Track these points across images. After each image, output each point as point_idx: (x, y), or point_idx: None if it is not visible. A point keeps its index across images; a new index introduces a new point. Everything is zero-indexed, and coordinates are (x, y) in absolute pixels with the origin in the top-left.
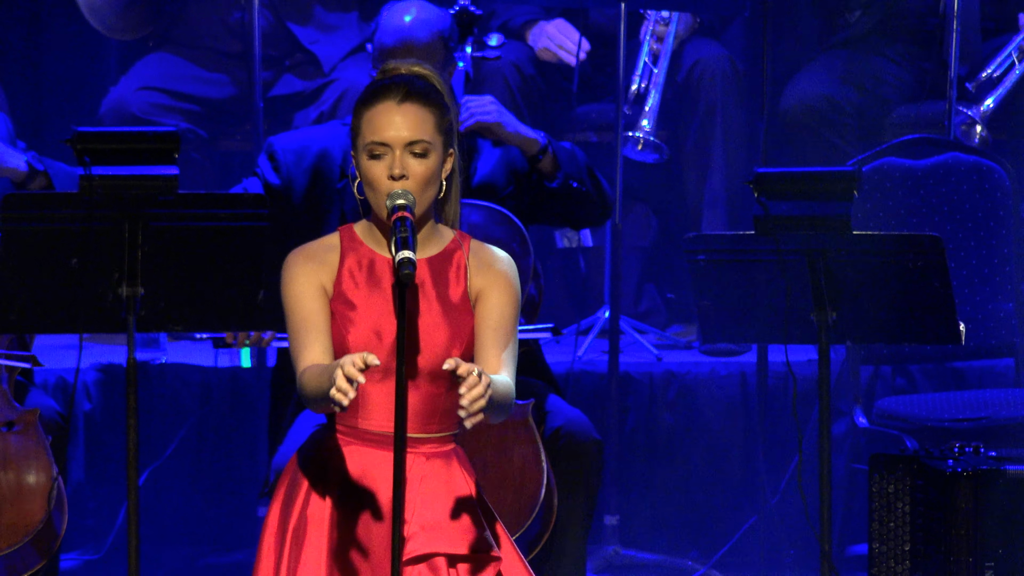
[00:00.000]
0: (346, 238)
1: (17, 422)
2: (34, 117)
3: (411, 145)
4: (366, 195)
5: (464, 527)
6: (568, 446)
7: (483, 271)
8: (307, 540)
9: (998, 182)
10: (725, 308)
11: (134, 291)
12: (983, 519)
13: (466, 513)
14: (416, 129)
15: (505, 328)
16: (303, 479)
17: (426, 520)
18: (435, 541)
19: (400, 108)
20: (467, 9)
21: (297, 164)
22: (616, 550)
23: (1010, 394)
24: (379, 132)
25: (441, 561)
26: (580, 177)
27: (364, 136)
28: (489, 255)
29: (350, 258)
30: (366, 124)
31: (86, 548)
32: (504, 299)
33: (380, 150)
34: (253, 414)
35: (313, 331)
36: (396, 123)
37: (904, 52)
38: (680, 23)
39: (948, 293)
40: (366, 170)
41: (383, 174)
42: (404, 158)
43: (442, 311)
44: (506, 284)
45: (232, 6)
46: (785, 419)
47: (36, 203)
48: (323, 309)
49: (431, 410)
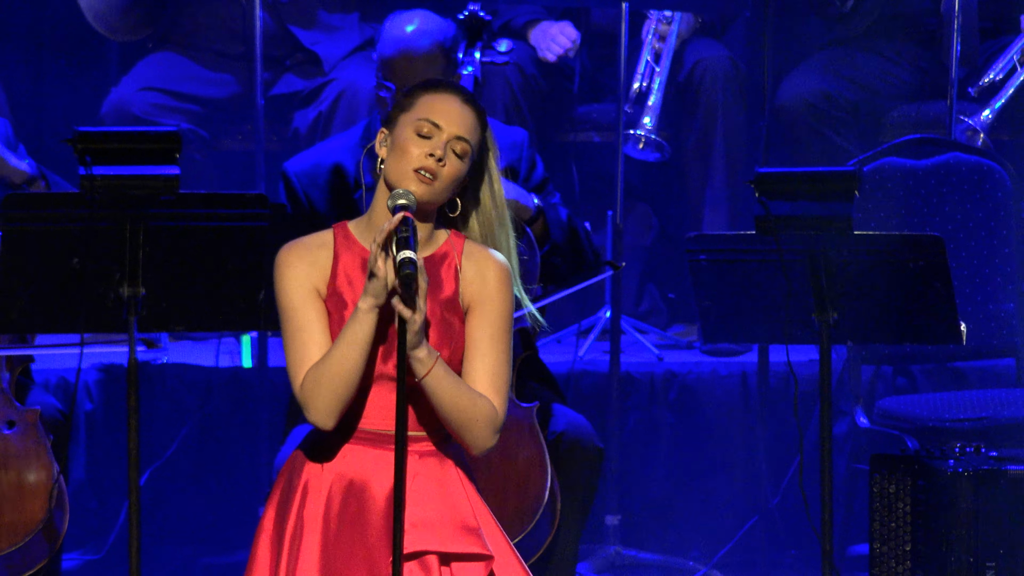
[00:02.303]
0: (340, 236)
1: (18, 421)
2: (36, 117)
3: (457, 140)
4: (391, 167)
5: (456, 525)
6: (570, 451)
7: (476, 280)
8: (304, 541)
9: (999, 182)
10: (726, 308)
11: (135, 291)
12: (984, 519)
13: (459, 511)
14: (469, 130)
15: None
16: (299, 480)
17: (417, 518)
18: (426, 539)
19: (463, 105)
20: (476, 15)
21: (312, 184)
22: (617, 550)
23: (1011, 394)
24: (438, 114)
25: (433, 559)
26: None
27: (417, 112)
28: (483, 262)
29: (344, 257)
30: (424, 103)
31: (88, 548)
32: (494, 314)
33: (430, 130)
34: (254, 414)
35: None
36: (455, 113)
37: (902, 51)
38: (682, 23)
39: (949, 293)
40: (404, 141)
41: (423, 151)
42: (448, 148)
43: (431, 312)
44: (498, 295)
45: (233, 7)
46: (786, 419)
47: (37, 203)
48: (319, 312)
49: (422, 408)
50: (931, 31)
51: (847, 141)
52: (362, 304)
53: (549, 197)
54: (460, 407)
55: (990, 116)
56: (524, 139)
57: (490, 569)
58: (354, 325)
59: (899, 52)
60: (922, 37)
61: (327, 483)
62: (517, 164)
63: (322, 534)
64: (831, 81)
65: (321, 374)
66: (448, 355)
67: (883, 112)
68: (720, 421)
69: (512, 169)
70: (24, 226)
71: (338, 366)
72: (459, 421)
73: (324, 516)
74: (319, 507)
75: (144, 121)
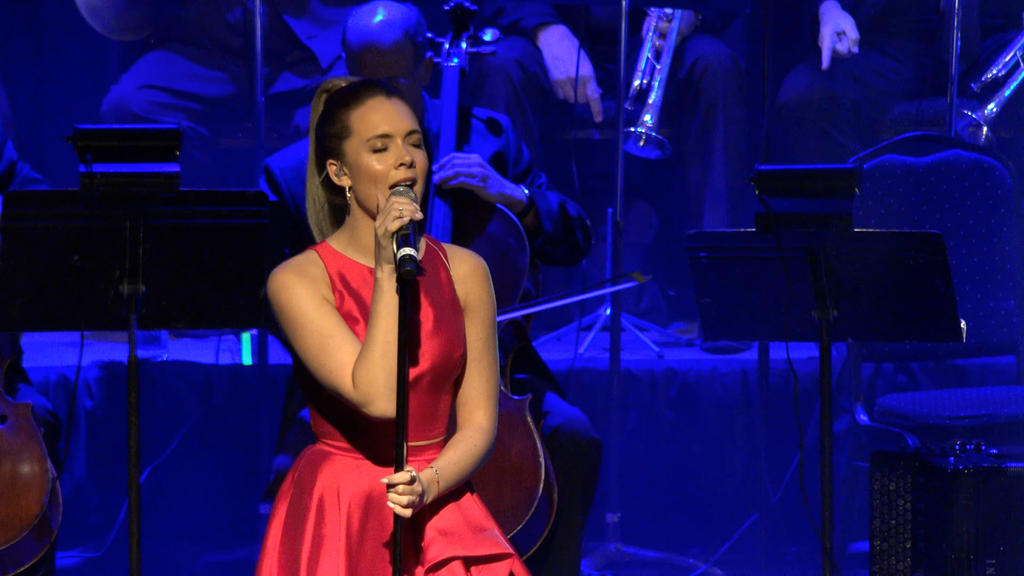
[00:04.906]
0: (326, 255)
1: (9, 416)
2: (36, 115)
3: (410, 135)
4: (363, 195)
5: (475, 529)
6: (567, 445)
7: (468, 279)
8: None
9: (999, 179)
10: (726, 305)
11: (135, 288)
12: (984, 516)
13: (474, 515)
14: (411, 120)
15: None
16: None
17: (441, 526)
18: (453, 545)
19: (390, 101)
20: (462, 5)
21: (297, 179)
22: (618, 547)
23: (1011, 391)
24: (379, 125)
25: (458, 565)
26: (557, 239)
27: (361, 134)
28: (468, 261)
29: (338, 271)
30: (359, 122)
31: (88, 546)
32: (486, 313)
33: (384, 143)
34: (254, 411)
35: (339, 334)
36: (393, 115)
37: (903, 48)
38: (682, 20)
39: (949, 290)
40: (368, 167)
41: (390, 165)
42: (408, 148)
43: (439, 316)
44: (488, 294)
45: (232, 2)
46: (786, 416)
47: (37, 201)
48: (338, 316)
49: (431, 415)
50: (932, 28)
51: (849, 138)
52: (380, 274)
53: (536, 180)
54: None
55: (994, 110)
56: (508, 124)
57: (511, 568)
58: (383, 296)
59: (900, 49)
60: (923, 34)
61: (344, 500)
62: (505, 149)
63: (346, 551)
64: (833, 78)
65: (372, 361)
66: (460, 355)
67: (884, 109)
68: (720, 418)
69: (501, 153)
70: (24, 223)
71: (384, 343)
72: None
73: (346, 533)
74: (339, 524)
75: (144, 119)
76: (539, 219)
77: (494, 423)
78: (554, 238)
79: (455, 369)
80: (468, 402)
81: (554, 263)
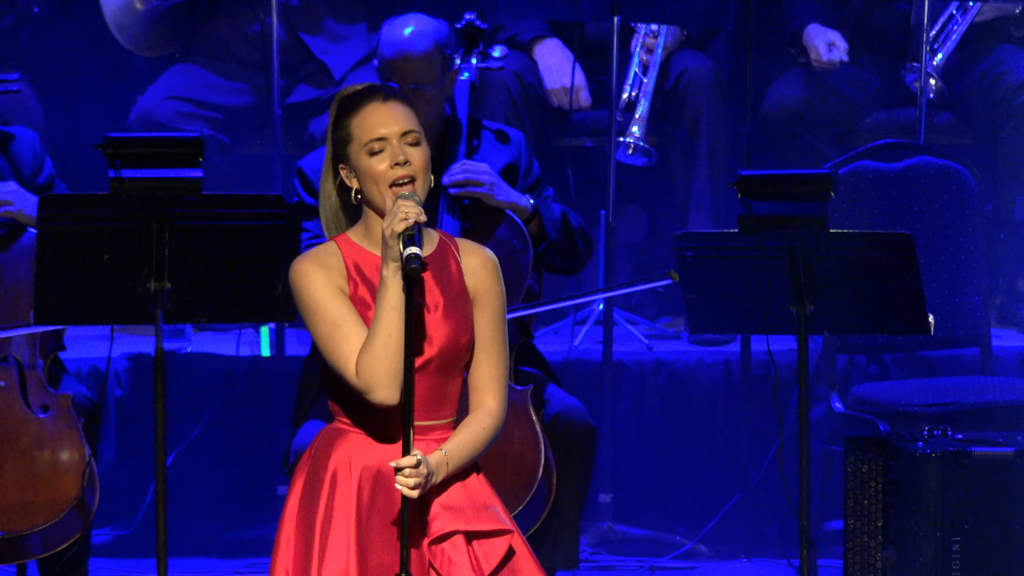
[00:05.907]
0: (344, 246)
1: (51, 406)
2: (69, 124)
3: (405, 135)
4: (369, 194)
5: (478, 506)
6: (565, 431)
7: (478, 272)
8: (334, 528)
9: (965, 183)
10: (711, 301)
11: (161, 285)
12: (950, 497)
13: (478, 493)
14: (406, 120)
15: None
16: (325, 472)
17: (446, 502)
18: (456, 520)
19: (386, 104)
20: (473, 23)
21: None
22: (610, 526)
23: (976, 381)
24: (375, 129)
25: (460, 538)
26: (559, 246)
27: (359, 139)
28: (479, 255)
29: (355, 261)
30: (358, 127)
31: (118, 524)
32: (496, 303)
33: (379, 145)
34: (272, 399)
35: (347, 324)
36: (387, 117)
37: (876, 62)
38: (668, 36)
39: (918, 287)
40: (367, 168)
41: (387, 165)
42: (403, 148)
43: (447, 304)
44: (498, 286)
45: (251, 19)
46: (767, 404)
47: (71, 204)
48: (349, 306)
49: (439, 397)
50: (902, 44)
51: (826, 145)
52: (386, 271)
53: (543, 191)
54: (477, 452)
55: (942, 60)
56: (522, 139)
57: (510, 543)
58: (387, 292)
59: (873, 63)
60: (892, 50)
61: (356, 474)
62: (517, 161)
63: (355, 523)
64: (813, 89)
65: (373, 352)
66: (467, 340)
67: (858, 119)
68: (705, 406)
69: (513, 165)
70: (59, 225)
71: (385, 336)
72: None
73: (356, 505)
74: (350, 497)
75: (169, 128)
76: (543, 226)
77: (503, 407)
78: (556, 245)
79: (463, 354)
80: (479, 387)
81: (554, 271)
